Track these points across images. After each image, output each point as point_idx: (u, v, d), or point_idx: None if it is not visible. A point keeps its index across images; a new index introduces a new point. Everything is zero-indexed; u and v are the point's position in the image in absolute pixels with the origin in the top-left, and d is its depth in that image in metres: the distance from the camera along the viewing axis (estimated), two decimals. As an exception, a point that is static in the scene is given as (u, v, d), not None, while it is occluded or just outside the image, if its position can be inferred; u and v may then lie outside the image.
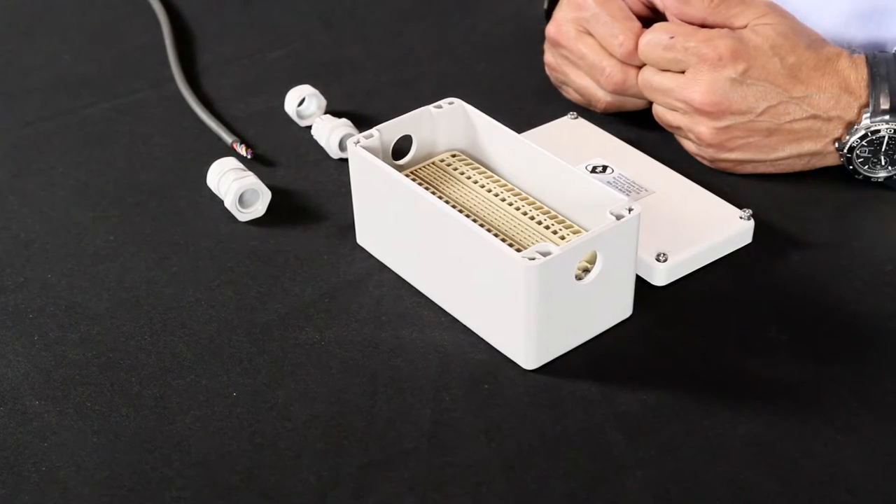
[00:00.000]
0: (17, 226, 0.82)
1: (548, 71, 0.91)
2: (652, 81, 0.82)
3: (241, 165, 0.83)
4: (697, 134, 0.81)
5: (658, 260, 0.74)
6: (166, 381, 0.69)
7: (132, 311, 0.74)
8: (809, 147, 0.80)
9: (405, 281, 0.76)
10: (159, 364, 0.70)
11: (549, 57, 0.90)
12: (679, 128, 0.82)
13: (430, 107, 0.77)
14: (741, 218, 0.77)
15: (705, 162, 0.83)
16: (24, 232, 0.81)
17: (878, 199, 0.82)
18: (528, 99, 0.94)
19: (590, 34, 0.85)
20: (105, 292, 0.76)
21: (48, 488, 0.63)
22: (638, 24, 0.83)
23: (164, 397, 0.68)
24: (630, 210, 0.68)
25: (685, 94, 0.79)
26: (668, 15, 0.83)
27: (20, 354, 0.71)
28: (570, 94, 0.90)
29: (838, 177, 0.82)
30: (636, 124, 0.88)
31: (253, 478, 0.64)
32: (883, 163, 0.80)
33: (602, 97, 0.86)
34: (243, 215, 0.81)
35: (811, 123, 0.79)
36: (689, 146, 0.84)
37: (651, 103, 0.84)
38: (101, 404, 0.68)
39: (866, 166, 0.80)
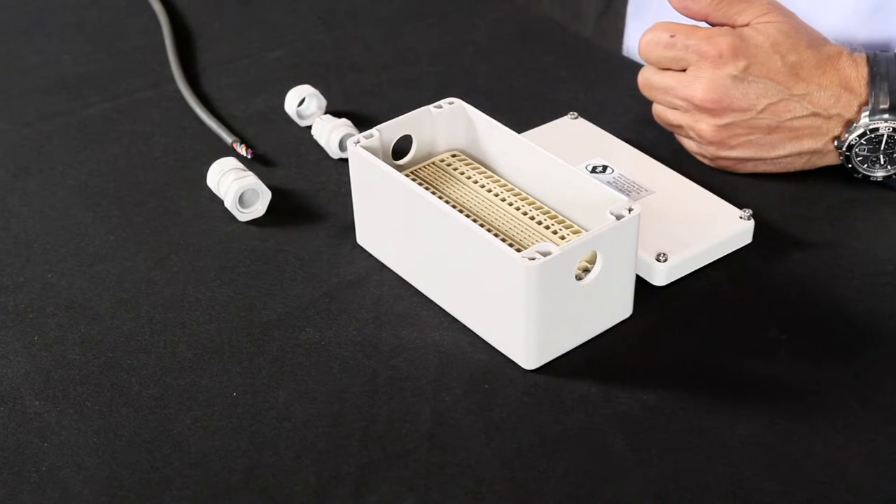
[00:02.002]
0: (17, 226, 0.82)
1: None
2: (652, 80, 0.82)
3: (241, 165, 0.83)
4: (699, 132, 0.81)
5: (658, 260, 0.74)
6: (166, 381, 0.69)
7: (132, 311, 0.74)
8: (809, 145, 0.80)
9: (405, 281, 0.76)
10: (159, 364, 0.70)
11: None
12: (680, 126, 0.82)
13: (430, 107, 0.77)
14: (741, 218, 0.77)
15: (706, 161, 0.84)
16: (24, 232, 0.81)
17: (878, 199, 0.82)
18: (528, 99, 0.94)
19: None
20: (105, 292, 0.76)
21: (48, 488, 0.63)
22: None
23: (164, 397, 0.68)
24: (630, 210, 0.68)
25: (686, 91, 0.80)
26: (673, 7, 0.83)
27: (20, 354, 0.71)
28: None
29: (838, 177, 0.82)
30: (636, 124, 0.88)
31: (253, 478, 0.64)
32: (882, 161, 0.80)
33: None
34: (243, 215, 0.81)
35: (812, 121, 0.79)
36: (689, 145, 0.84)
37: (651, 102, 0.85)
38: (101, 404, 0.68)
39: (865, 165, 0.80)
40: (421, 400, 0.68)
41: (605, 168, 0.82)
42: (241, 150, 0.87)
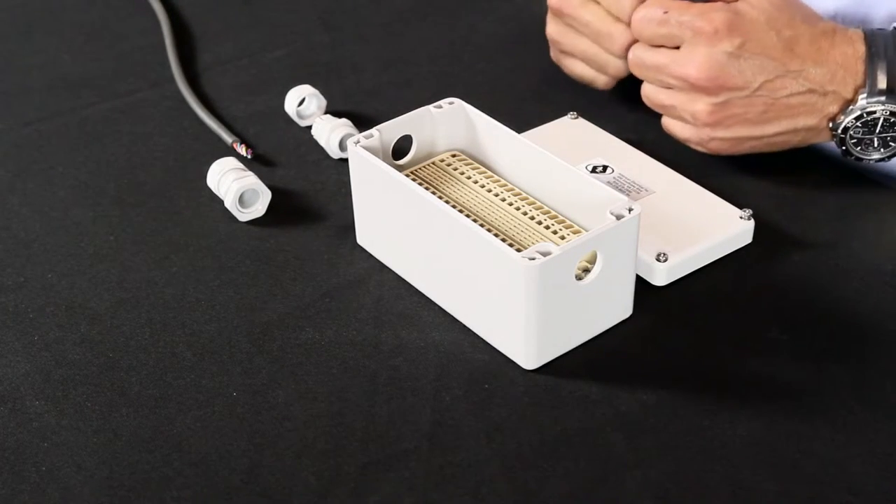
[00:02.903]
0: (17, 226, 0.82)
1: (551, 46, 0.90)
2: (644, 58, 0.81)
3: (241, 165, 0.83)
4: (693, 112, 0.79)
5: (658, 260, 0.74)
6: (166, 381, 0.69)
7: (132, 311, 0.74)
8: (805, 122, 0.79)
9: (405, 281, 0.76)
10: (159, 364, 0.70)
11: (552, 29, 0.89)
12: (672, 107, 0.81)
13: (430, 107, 0.77)
14: (741, 218, 0.77)
15: (699, 147, 0.82)
16: (24, 232, 0.81)
17: (878, 199, 0.82)
18: (528, 99, 0.94)
19: (595, 1, 0.84)
20: (105, 292, 0.76)
21: (48, 488, 0.63)
22: None
23: (164, 397, 0.68)
24: (630, 210, 0.68)
25: (681, 69, 0.78)
26: None
27: (20, 354, 0.71)
28: (574, 69, 0.89)
29: (838, 177, 0.82)
30: (636, 124, 0.88)
31: (253, 478, 0.64)
32: (876, 144, 0.79)
33: (612, 63, 0.85)
34: (243, 215, 0.81)
35: (807, 98, 0.78)
36: (678, 129, 0.82)
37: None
38: (101, 404, 0.68)
39: (859, 147, 0.80)
40: (421, 400, 0.68)
41: (605, 168, 0.82)
42: (241, 150, 0.87)
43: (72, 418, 0.67)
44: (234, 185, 0.80)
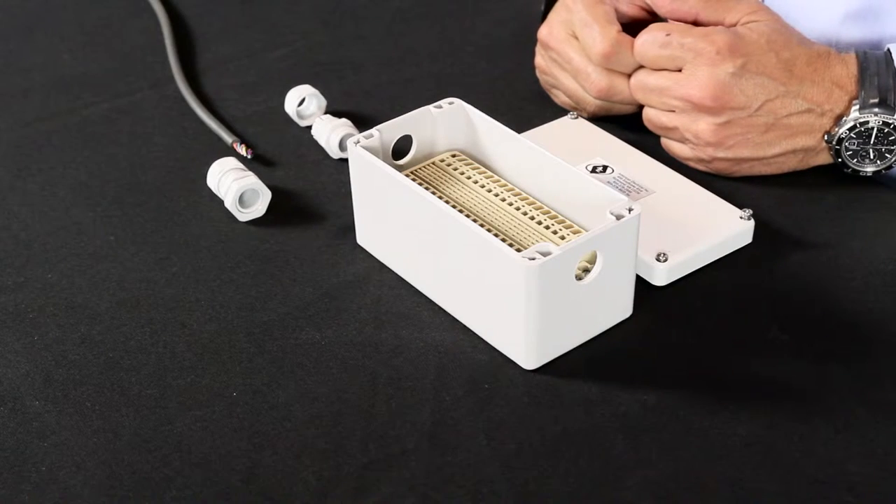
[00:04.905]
0: (17, 226, 0.82)
1: (538, 74, 0.91)
2: (647, 82, 0.82)
3: (241, 165, 0.83)
4: (696, 132, 0.80)
5: (658, 260, 0.74)
6: (166, 381, 0.69)
7: (132, 311, 0.74)
8: (803, 142, 0.80)
9: (405, 281, 0.76)
10: (159, 364, 0.70)
11: (540, 60, 0.90)
12: (675, 128, 0.82)
13: (430, 107, 0.77)
14: (741, 218, 0.77)
15: (700, 165, 0.83)
16: (24, 232, 0.81)
17: (878, 199, 0.82)
18: (528, 99, 0.94)
19: (577, 38, 0.85)
20: (105, 292, 0.76)
21: (48, 488, 0.63)
22: (616, 28, 0.82)
23: (164, 397, 0.68)
24: (630, 210, 0.68)
25: (683, 91, 0.79)
26: (660, 13, 0.83)
27: (20, 354, 0.71)
28: (560, 98, 0.90)
29: (838, 177, 0.82)
30: (636, 124, 0.88)
31: (253, 478, 0.64)
32: (871, 156, 0.80)
33: (590, 101, 0.86)
34: (243, 215, 0.81)
35: (806, 118, 0.79)
36: (681, 150, 0.83)
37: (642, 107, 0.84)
38: (101, 404, 0.68)
39: (855, 160, 0.80)
40: (421, 400, 0.68)
41: (605, 168, 0.82)
42: (241, 150, 0.87)
43: (72, 418, 0.67)
44: (234, 185, 0.80)
